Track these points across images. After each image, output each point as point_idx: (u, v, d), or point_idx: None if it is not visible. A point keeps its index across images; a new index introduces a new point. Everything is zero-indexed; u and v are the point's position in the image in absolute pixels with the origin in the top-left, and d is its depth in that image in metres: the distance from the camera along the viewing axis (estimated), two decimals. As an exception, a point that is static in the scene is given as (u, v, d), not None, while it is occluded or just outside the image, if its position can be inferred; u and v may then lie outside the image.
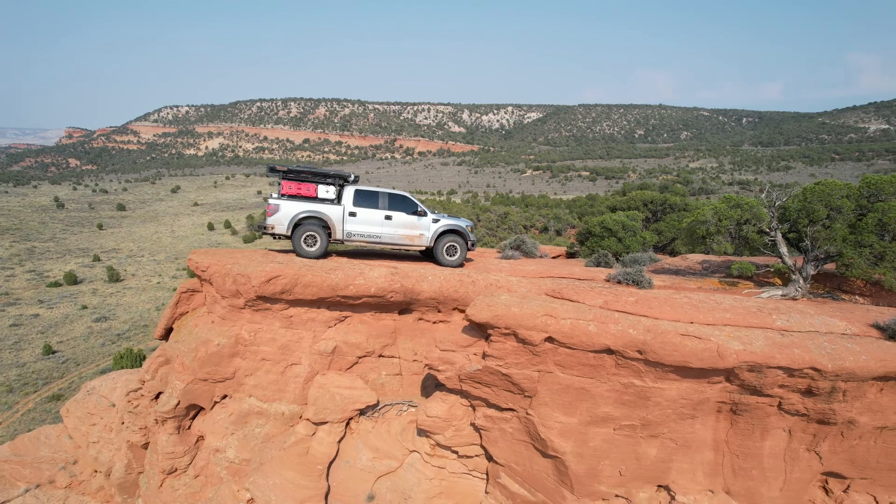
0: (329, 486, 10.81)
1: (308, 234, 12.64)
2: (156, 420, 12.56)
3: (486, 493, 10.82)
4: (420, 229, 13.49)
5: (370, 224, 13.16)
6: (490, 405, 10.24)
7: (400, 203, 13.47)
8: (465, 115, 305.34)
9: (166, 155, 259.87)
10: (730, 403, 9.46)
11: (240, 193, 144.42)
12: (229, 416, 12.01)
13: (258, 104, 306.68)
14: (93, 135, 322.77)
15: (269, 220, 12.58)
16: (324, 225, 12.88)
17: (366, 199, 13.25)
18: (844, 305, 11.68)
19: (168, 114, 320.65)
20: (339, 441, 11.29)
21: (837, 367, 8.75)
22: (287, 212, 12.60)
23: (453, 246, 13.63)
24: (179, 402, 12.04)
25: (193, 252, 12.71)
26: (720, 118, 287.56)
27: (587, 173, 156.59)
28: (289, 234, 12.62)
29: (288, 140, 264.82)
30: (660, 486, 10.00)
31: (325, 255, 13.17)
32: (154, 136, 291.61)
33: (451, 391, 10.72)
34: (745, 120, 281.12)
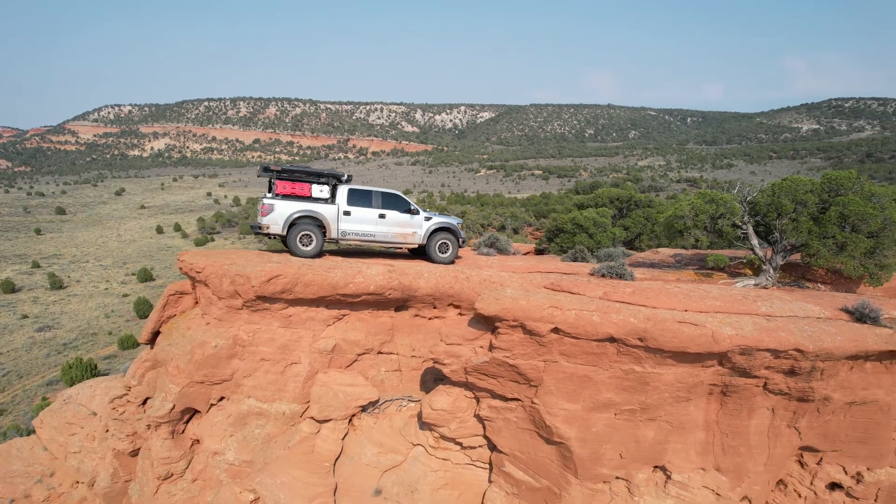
0: (336, 483, 10.88)
1: (304, 233, 12.63)
2: (148, 425, 12.29)
3: (490, 481, 11.16)
4: (413, 227, 13.69)
5: (365, 223, 13.27)
6: (495, 396, 10.57)
7: (393, 201, 13.64)
8: (419, 115, 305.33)
9: (108, 156, 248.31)
10: (720, 386, 10.12)
11: (188, 195, 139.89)
12: (227, 418, 11.88)
13: (206, 104, 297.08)
14: (25, 134, 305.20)
15: (265, 220, 12.50)
16: (319, 224, 12.90)
17: (360, 198, 13.35)
18: (815, 292, 12.62)
19: (109, 113, 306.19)
20: (343, 438, 11.38)
21: (818, 348, 9.51)
22: (282, 211, 12.56)
23: (445, 243, 13.90)
24: (174, 406, 11.82)
25: (184, 253, 12.50)
26: (666, 118, 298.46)
27: (540, 172, 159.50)
28: (284, 233, 12.58)
29: (238, 140, 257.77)
30: (656, 466, 10.58)
31: (320, 254, 13.18)
32: (94, 136, 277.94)
33: (455, 384, 10.99)
34: (689, 119, 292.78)
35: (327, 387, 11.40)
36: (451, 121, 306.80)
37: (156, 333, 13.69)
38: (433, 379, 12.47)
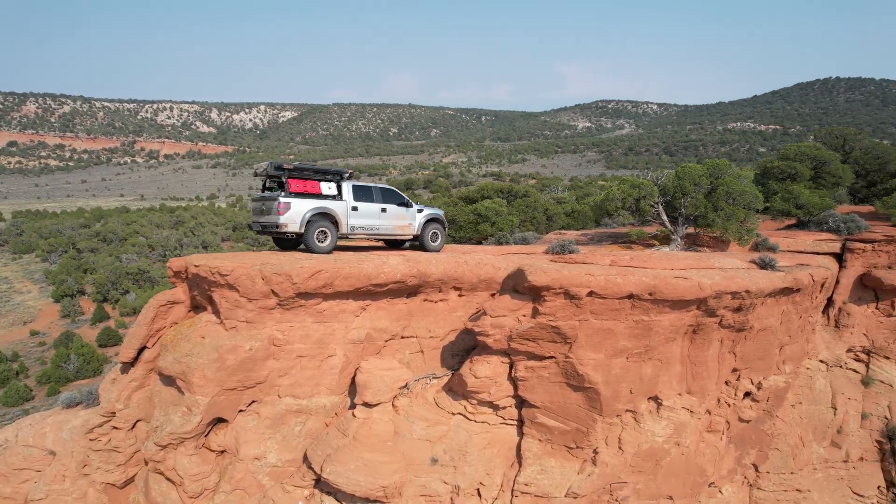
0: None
1: (320, 229, 12.69)
2: (163, 446, 11.37)
3: (523, 434, 12.75)
4: (409, 219, 14.49)
5: (370, 217, 13.72)
6: (532, 357, 12.17)
7: (390, 196, 14.29)
8: (215, 115, 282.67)
9: None
10: (694, 326, 13.04)
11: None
12: (263, 421, 11.62)
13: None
14: None
15: (282, 219, 12.28)
16: (333, 220, 13.03)
17: (363, 193, 13.75)
18: (730, 253, 16.44)
19: None
20: (390, 419, 11.97)
21: (757, 289, 12.91)
22: (299, 209, 12.46)
23: (436, 233, 14.97)
24: (202, 418, 11.22)
25: (193, 257, 11.76)
26: (463, 117, 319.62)
27: (351, 171, 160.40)
28: (301, 230, 12.49)
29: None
30: (650, 397, 13.19)
31: (333, 249, 13.28)
32: None
33: (494, 352, 12.32)
34: (483, 118, 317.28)
35: (371, 373, 11.89)
36: (251, 120, 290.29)
37: (141, 350, 12.55)
38: (451, 355, 13.60)
